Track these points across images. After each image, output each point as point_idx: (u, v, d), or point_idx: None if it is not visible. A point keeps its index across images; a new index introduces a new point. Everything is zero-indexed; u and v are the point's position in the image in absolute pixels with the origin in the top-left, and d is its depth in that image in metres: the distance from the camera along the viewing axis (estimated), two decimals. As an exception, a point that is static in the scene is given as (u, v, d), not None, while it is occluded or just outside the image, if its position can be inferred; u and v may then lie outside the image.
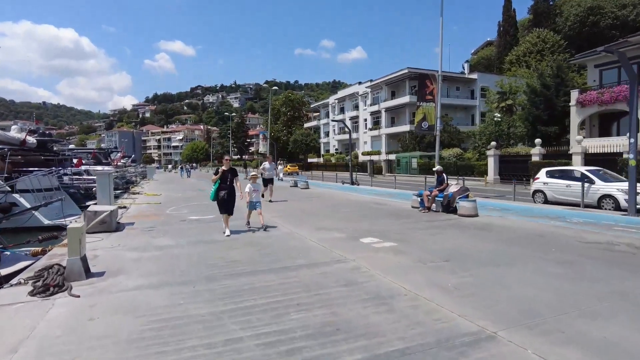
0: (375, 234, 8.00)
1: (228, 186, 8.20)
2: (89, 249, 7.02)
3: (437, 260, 5.92)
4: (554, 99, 31.50)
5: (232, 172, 8.38)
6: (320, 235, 7.93)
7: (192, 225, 9.67)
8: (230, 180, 8.28)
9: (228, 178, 8.24)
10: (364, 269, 5.47)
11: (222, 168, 8.30)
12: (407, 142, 44.28)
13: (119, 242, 7.73)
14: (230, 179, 8.27)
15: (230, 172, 8.30)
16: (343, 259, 6.02)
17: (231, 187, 8.27)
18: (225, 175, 8.22)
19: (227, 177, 8.24)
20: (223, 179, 8.17)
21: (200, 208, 13.39)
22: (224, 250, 6.83)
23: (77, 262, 5.12)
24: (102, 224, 8.80)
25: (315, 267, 5.56)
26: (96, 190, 9.99)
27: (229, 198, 8.22)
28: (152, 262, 6.10)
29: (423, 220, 9.94)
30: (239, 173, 9.19)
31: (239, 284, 4.89)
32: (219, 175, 8.16)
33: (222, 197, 8.14)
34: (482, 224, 9.24)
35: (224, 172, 8.21)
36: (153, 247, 7.23)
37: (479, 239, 7.54)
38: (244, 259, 6.15)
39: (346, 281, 4.91)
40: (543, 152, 25.64)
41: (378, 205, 13.23)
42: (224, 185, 8.17)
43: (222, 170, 8.21)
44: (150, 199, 17.09)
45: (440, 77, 17.01)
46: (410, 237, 7.65)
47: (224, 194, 8.13)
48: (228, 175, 8.26)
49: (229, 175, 8.28)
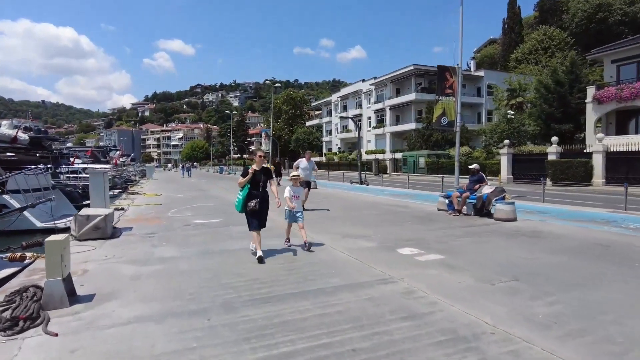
0: (411, 243, 6.90)
1: (261, 192, 6.05)
2: (78, 260, 5.94)
3: (503, 278, 4.82)
4: (568, 96, 30.42)
5: (266, 172, 6.22)
6: (347, 244, 6.82)
7: (198, 231, 8.56)
8: (264, 185, 6.10)
9: (261, 181, 6.04)
10: (420, 292, 4.36)
11: (252, 167, 6.07)
12: (413, 141, 43.14)
13: (114, 252, 6.62)
14: (264, 182, 6.11)
15: (263, 173, 6.12)
16: (388, 277, 4.91)
17: (265, 194, 6.13)
18: (258, 178, 6.01)
19: (260, 180, 6.03)
20: (254, 183, 6.01)
21: (205, 210, 12.29)
22: (239, 264, 5.72)
23: (57, 286, 4.01)
24: (96, 230, 7.69)
25: (357, 290, 4.45)
26: (89, 191, 8.84)
27: (262, 208, 6.07)
28: (154, 280, 4.99)
29: (457, 225, 8.84)
30: None
31: (266, 314, 3.78)
32: (249, 177, 5.93)
33: (253, 207, 5.90)
34: (528, 230, 8.14)
35: (255, 173, 6.01)
36: (154, 259, 6.12)
37: (535, 249, 6.43)
38: (264, 276, 5.04)
39: (405, 311, 3.80)
40: (560, 151, 24.54)
41: (399, 208, 12.13)
42: (256, 192, 6.00)
43: (253, 171, 6.00)
44: (150, 200, 15.99)
45: (461, 70, 15.89)
46: (455, 248, 6.55)
47: (255, 203, 5.90)
48: (261, 177, 6.05)
49: (262, 178, 6.08)
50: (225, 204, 14.30)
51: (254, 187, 6.01)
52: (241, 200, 6.02)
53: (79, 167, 29.25)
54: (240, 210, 6.09)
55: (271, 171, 6.46)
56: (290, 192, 6.63)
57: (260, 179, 6.06)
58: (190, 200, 15.64)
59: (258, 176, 6.03)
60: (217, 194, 19.31)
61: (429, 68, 48.84)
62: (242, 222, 9.53)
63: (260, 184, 6.04)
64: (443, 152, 37.88)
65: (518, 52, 54.54)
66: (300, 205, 6.81)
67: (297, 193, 6.69)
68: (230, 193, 19.26)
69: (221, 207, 13.26)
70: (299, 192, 6.78)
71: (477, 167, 10.63)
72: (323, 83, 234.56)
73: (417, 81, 48.81)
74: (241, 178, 6.04)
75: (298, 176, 6.96)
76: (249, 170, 6.01)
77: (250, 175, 5.95)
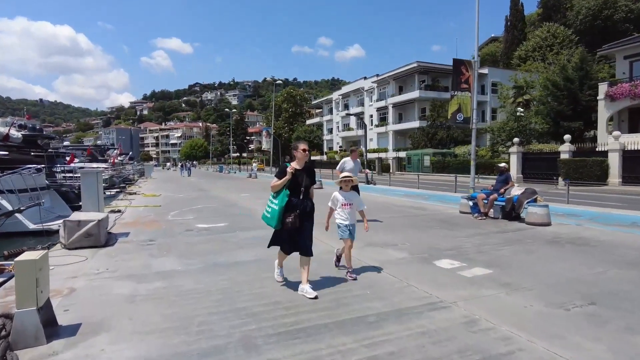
0: (448, 253, 6.05)
1: (303, 201, 4.33)
2: (65, 275, 5.10)
3: (576, 301, 3.98)
4: (578, 93, 29.55)
5: (310, 174, 4.51)
6: (374, 255, 5.97)
7: (202, 238, 7.70)
8: (307, 190, 4.40)
9: (303, 185, 4.34)
10: (485, 322, 3.51)
11: (292, 166, 4.32)
12: (417, 139, 42.28)
13: (107, 264, 5.76)
14: (307, 186, 4.39)
15: (307, 174, 4.42)
16: (438, 301, 4.06)
17: (308, 204, 4.40)
18: (299, 181, 4.32)
19: (302, 183, 4.33)
20: (294, 187, 4.30)
21: (208, 212, 11.44)
22: (253, 281, 4.86)
23: (31, 317, 3.15)
24: (88, 237, 6.82)
25: (406, 319, 3.60)
26: (81, 193, 7.98)
27: (305, 224, 4.32)
28: (153, 303, 4.14)
29: (490, 231, 7.99)
30: None
31: (297, 358, 2.93)
32: (288, 178, 4.23)
33: (292, 223, 4.18)
34: (570, 237, 7.30)
35: (296, 173, 4.30)
36: (153, 273, 5.26)
37: (594, 261, 5.59)
38: (287, 299, 4.18)
39: (478, 352, 2.95)
40: (573, 149, 23.73)
41: (415, 210, 11.29)
42: (296, 200, 4.29)
43: (293, 170, 4.26)
44: (149, 201, 15.12)
45: (478, 63, 15.05)
46: (500, 259, 5.70)
47: (294, 217, 4.19)
48: (303, 179, 4.35)
49: (304, 180, 4.36)
50: (228, 205, 13.46)
51: (294, 193, 4.29)
52: (277, 211, 4.18)
53: (75, 166, 28.43)
54: (275, 226, 4.28)
55: (315, 173, 4.70)
56: (340, 199, 4.90)
57: (303, 181, 4.32)
58: (191, 201, 14.78)
59: (300, 178, 4.30)
60: (219, 194, 18.45)
61: (432, 65, 48.08)
62: (249, 226, 8.77)
63: (302, 189, 4.31)
64: (448, 151, 37.06)
65: (521, 50, 53.77)
66: (354, 216, 4.96)
67: (349, 200, 4.91)
68: (232, 193, 18.42)
69: (224, 208, 12.41)
70: (352, 198, 4.95)
71: (506, 166, 9.82)
72: (322, 82, 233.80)
73: (421, 78, 47.95)
74: (275, 180, 4.31)
75: (351, 177, 5.02)
76: (288, 168, 4.24)
77: (289, 176, 4.20)
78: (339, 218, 4.86)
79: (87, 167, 29.52)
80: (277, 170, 4.43)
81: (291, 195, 4.28)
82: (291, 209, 4.24)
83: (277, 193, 4.29)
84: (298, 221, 4.21)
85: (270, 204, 4.33)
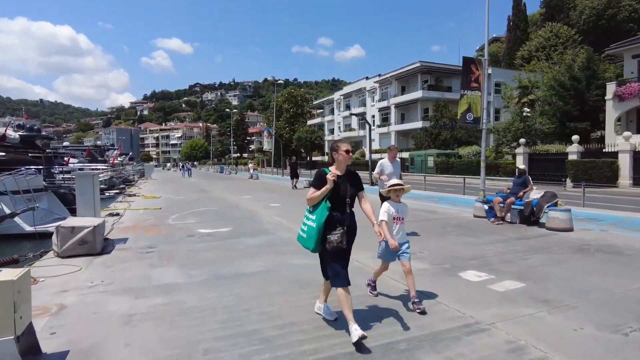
0: (472, 263, 5.58)
1: (349, 217, 3.39)
2: (55, 289, 4.66)
3: (632, 323, 3.52)
4: (585, 93, 29.09)
5: (355, 180, 3.51)
6: (392, 265, 5.47)
7: (204, 244, 7.23)
8: (351, 201, 3.44)
9: (348, 196, 3.39)
10: (533, 349, 3.05)
11: (333, 172, 3.37)
12: (420, 140, 41.79)
13: (103, 275, 5.30)
14: (352, 195, 3.43)
15: (350, 182, 3.44)
16: (473, 322, 3.59)
17: (353, 219, 3.44)
18: (342, 190, 3.37)
19: (347, 193, 3.38)
20: (337, 199, 3.35)
21: (210, 216, 10.98)
22: (262, 296, 4.39)
23: (7, 348, 2.69)
24: (83, 245, 6.37)
25: (443, 347, 3.13)
26: (76, 197, 7.51)
27: (350, 243, 3.40)
28: (152, 323, 3.67)
29: (511, 237, 7.52)
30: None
31: (324, 397, 2.47)
32: (329, 187, 3.28)
33: (339, 244, 3.23)
34: (599, 244, 6.83)
35: (338, 180, 3.35)
36: (153, 287, 4.79)
37: (636, 273, 5.13)
38: (302, 319, 3.72)
39: (537, 394, 2.49)
40: (581, 150, 23.24)
41: (427, 214, 10.82)
42: (340, 215, 3.35)
43: (334, 177, 3.30)
44: (149, 203, 14.66)
45: (487, 62, 14.58)
46: (530, 270, 5.23)
47: (340, 236, 3.23)
48: (347, 187, 3.39)
49: (348, 188, 3.40)
50: (231, 207, 13.00)
51: (337, 206, 3.31)
52: (316, 230, 3.23)
53: (74, 166, 27.95)
54: (312, 248, 3.33)
55: (360, 178, 3.59)
56: (392, 212, 3.95)
57: (347, 191, 3.35)
58: (192, 204, 14.32)
59: (342, 186, 3.34)
60: (220, 195, 17.99)
61: (435, 65, 47.61)
62: (253, 231, 8.32)
63: (347, 200, 3.35)
64: (452, 152, 36.58)
65: (524, 50, 53.37)
66: (404, 232, 4.11)
67: (401, 212, 4.02)
68: (233, 194, 17.96)
69: (227, 211, 11.96)
70: (403, 211, 4.05)
71: (524, 168, 9.33)
72: (322, 82, 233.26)
73: (424, 78, 47.47)
74: (312, 190, 3.35)
75: (401, 185, 4.04)
76: (328, 175, 3.25)
77: (330, 184, 3.24)
78: (387, 236, 3.82)
79: (87, 168, 29.08)
80: (313, 179, 3.43)
81: (333, 209, 3.28)
82: (334, 225, 3.27)
83: (315, 206, 3.33)
84: (345, 240, 3.22)
85: (307, 220, 3.38)
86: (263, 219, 10.27)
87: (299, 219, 3.69)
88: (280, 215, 10.81)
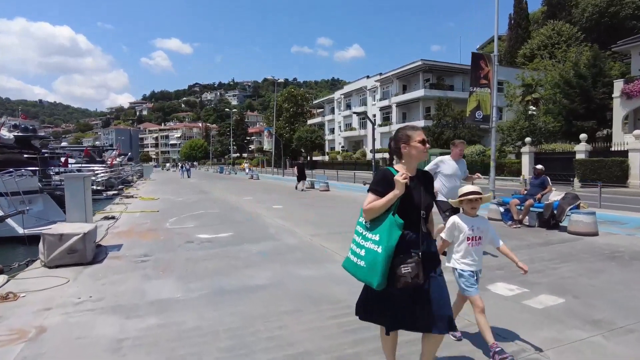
0: (499, 273, 5.08)
1: (425, 236, 2.36)
2: (36, 306, 4.15)
3: (703, 351, 3.01)
4: (592, 91, 28.58)
5: (429, 183, 2.52)
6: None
7: (204, 252, 6.71)
8: (427, 214, 2.40)
9: (422, 205, 2.36)
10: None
11: (403, 171, 2.31)
12: (423, 139, 41.20)
13: (92, 289, 4.79)
14: (427, 207, 2.41)
15: (424, 184, 2.44)
16: (519, 349, 3.06)
17: (432, 240, 2.46)
18: (416, 200, 2.35)
19: (420, 202, 2.36)
20: (407, 212, 2.31)
21: (209, 219, 10.46)
22: (270, 316, 3.88)
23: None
24: (72, 254, 5.85)
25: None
26: (65, 201, 6.99)
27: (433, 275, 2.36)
28: (145, 352, 3.16)
29: (533, 242, 7.01)
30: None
31: None
32: (398, 193, 2.26)
33: (413, 277, 2.17)
34: (635, 251, 6.30)
35: (411, 184, 2.34)
36: (147, 303, 4.28)
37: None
38: (318, 348, 3.20)
39: None
40: (589, 149, 22.75)
41: (437, 215, 10.29)
42: (414, 236, 2.31)
43: (405, 178, 2.26)
44: (146, 205, 14.14)
45: (497, 58, 14.10)
46: (565, 282, 4.73)
47: (414, 267, 2.18)
48: (420, 195, 2.37)
49: (423, 196, 2.38)
50: (231, 209, 12.48)
51: (408, 221, 2.29)
52: (384, 257, 2.19)
53: (72, 167, 27.43)
54: (379, 283, 2.19)
55: (433, 182, 2.77)
56: (464, 228, 2.95)
57: (421, 200, 2.36)
58: (191, 206, 13.79)
59: (416, 193, 2.36)
60: (220, 196, 17.47)
61: (437, 63, 47.11)
62: (257, 237, 7.72)
63: (422, 213, 2.35)
64: (456, 151, 36.00)
65: (526, 48, 52.96)
66: (481, 257, 3.04)
67: (478, 231, 2.96)
68: (234, 195, 17.44)
69: (227, 214, 11.44)
70: (481, 228, 2.98)
71: (542, 168, 8.83)
72: (322, 82, 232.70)
73: (425, 77, 46.96)
74: (372, 197, 2.33)
75: (479, 193, 2.96)
76: (397, 176, 2.27)
77: (401, 188, 2.26)
78: (461, 260, 2.95)
79: (85, 169, 28.54)
80: (375, 179, 2.43)
81: (407, 228, 2.27)
82: (403, 250, 2.22)
83: (376, 221, 2.29)
84: (422, 273, 2.21)
85: (364, 241, 2.30)
86: (266, 222, 9.75)
87: (304, 221, 3.21)
88: (284, 218, 10.30)
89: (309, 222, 9.53)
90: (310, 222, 9.53)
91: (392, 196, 2.26)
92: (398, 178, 2.25)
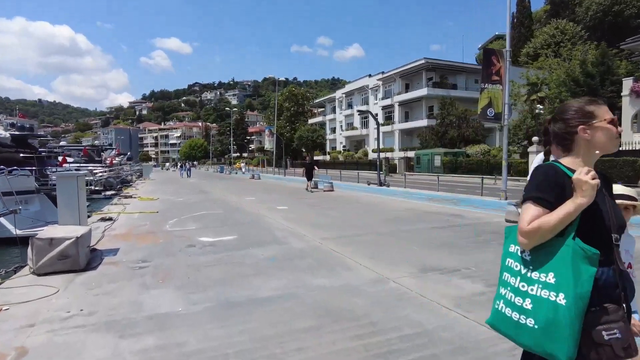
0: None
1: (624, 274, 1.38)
2: (19, 322, 3.66)
3: None
4: (599, 89, 28.11)
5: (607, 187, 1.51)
6: (440, 287, 4.47)
7: (207, 257, 6.22)
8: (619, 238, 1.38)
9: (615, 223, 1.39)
10: None
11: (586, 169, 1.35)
12: (426, 138, 40.77)
13: (83, 301, 4.29)
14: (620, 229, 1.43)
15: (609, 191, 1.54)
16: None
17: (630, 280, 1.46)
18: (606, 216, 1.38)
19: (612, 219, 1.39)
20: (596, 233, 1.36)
21: (211, 220, 9.97)
22: (285, 335, 3.38)
23: None
24: (63, 260, 5.35)
25: None
26: (57, 203, 6.49)
27: None
28: (140, 383, 2.66)
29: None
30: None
31: None
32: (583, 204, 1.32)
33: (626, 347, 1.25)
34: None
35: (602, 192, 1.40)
36: (145, 318, 3.78)
37: None
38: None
39: None
40: (599, 148, 22.24)
41: (455, 218, 9.81)
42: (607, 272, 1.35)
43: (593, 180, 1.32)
44: (146, 206, 13.64)
45: (509, 53, 13.63)
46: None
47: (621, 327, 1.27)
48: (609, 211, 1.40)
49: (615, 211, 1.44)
50: (234, 210, 11.98)
51: (601, 253, 1.32)
52: (575, 316, 1.25)
53: (70, 167, 26.93)
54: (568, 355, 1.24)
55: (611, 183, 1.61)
56: None
57: (614, 216, 1.40)
58: (192, 206, 13.30)
59: (603, 205, 1.39)
60: (221, 196, 16.98)
61: (440, 62, 46.66)
62: (263, 241, 7.14)
63: (615, 237, 1.37)
64: (460, 151, 35.56)
65: (529, 47, 52.49)
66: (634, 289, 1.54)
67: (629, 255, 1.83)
68: (235, 195, 16.94)
69: (229, 215, 10.95)
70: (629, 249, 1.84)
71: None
72: (322, 81, 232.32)
73: (428, 75, 46.47)
74: (535, 209, 1.38)
75: (634, 199, 1.95)
76: (584, 175, 1.33)
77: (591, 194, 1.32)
78: None
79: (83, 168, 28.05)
80: (529, 185, 1.49)
81: (602, 254, 1.33)
82: (599, 300, 1.32)
83: (541, 250, 1.39)
84: (634, 342, 1.31)
85: (524, 284, 1.39)
86: (271, 224, 9.26)
87: (311, 224, 2.76)
88: (289, 219, 9.81)
89: (315, 224, 9.03)
90: (317, 224, 9.03)
91: (573, 208, 1.33)
92: (583, 177, 1.33)
